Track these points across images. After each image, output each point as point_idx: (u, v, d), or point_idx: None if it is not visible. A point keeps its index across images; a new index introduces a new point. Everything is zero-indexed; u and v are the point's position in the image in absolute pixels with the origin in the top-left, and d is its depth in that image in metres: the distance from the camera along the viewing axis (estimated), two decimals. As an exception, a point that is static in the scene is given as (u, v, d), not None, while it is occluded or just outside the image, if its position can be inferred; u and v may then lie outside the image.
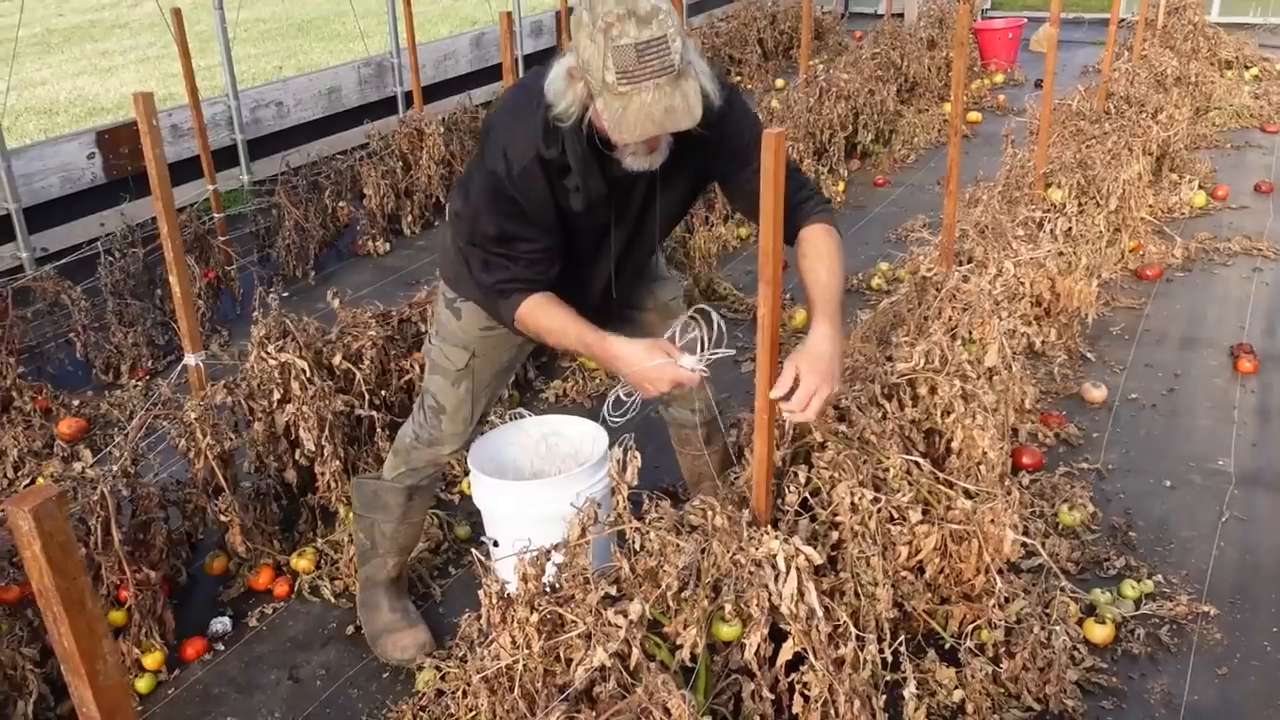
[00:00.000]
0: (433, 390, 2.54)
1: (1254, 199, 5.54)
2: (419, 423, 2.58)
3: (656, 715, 1.84)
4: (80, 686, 0.95)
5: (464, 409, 2.53)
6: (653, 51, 1.84)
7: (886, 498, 2.41)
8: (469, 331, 2.47)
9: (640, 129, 1.89)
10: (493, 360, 2.51)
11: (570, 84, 1.95)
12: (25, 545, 0.88)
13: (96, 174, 5.62)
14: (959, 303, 3.19)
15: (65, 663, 0.94)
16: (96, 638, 0.94)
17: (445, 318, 2.49)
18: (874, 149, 6.58)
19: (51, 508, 0.88)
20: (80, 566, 0.91)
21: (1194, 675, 2.47)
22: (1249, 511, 3.03)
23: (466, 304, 2.45)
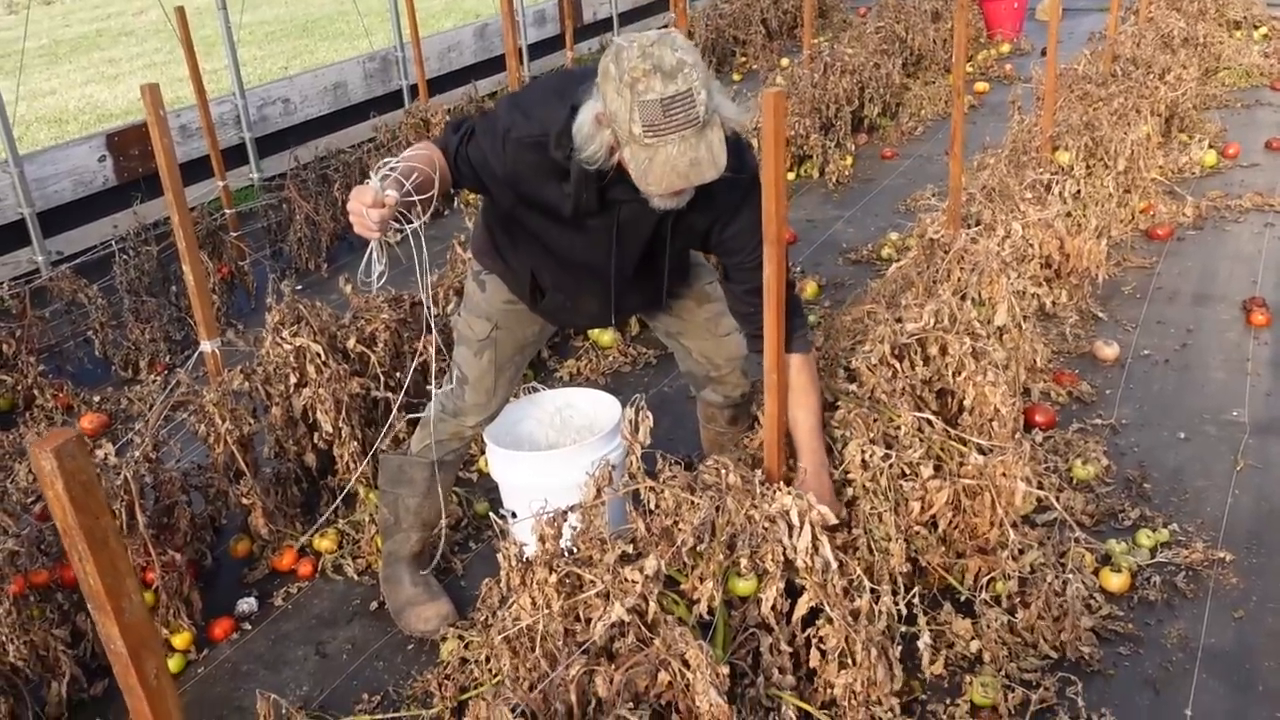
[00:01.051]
0: (458, 361, 2.59)
1: (1265, 156, 5.51)
2: (444, 394, 2.63)
3: (675, 666, 1.87)
4: (107, 623, 0.98)
5: (486, 379, 2.57)
6: (678, 106, 1.87)
7: (897, 454, 2.43)
8: (492, 304, 2.52)
9: (667, 182, 1.94)
10: (515, 334, 2.56)
11: (598, 130, 1.99)
12: (48, 485, 0.92)
13: (108, 176, 5.67)
14: (967, 264, 3.20)
15: (91, 600, 0.98)
16: (121, 575, 0.97)
17: (471, 289, 2.57)
18: (881, 122, 6.57)
19: (73, 447, 0.92)
20: (103, 505, 0.94)
21: (1210, 619, 2.48)
22: (1264, 459, 3.04)
23: (491, 277, 2.51)
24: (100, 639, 0.99)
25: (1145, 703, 2.28)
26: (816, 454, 2.34)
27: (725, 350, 2.60)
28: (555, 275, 2.41)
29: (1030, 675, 2.34)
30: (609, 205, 2.17)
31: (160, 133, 2.67)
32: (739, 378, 2.64)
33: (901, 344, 2.75)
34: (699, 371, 2.65)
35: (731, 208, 2.21)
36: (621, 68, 1.89)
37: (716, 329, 2.57)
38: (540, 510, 2.07)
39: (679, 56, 1.89)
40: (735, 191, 2.14)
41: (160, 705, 1.03)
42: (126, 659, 0.99)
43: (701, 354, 2.61)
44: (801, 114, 5.74)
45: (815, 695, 2.16)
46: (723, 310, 2.56)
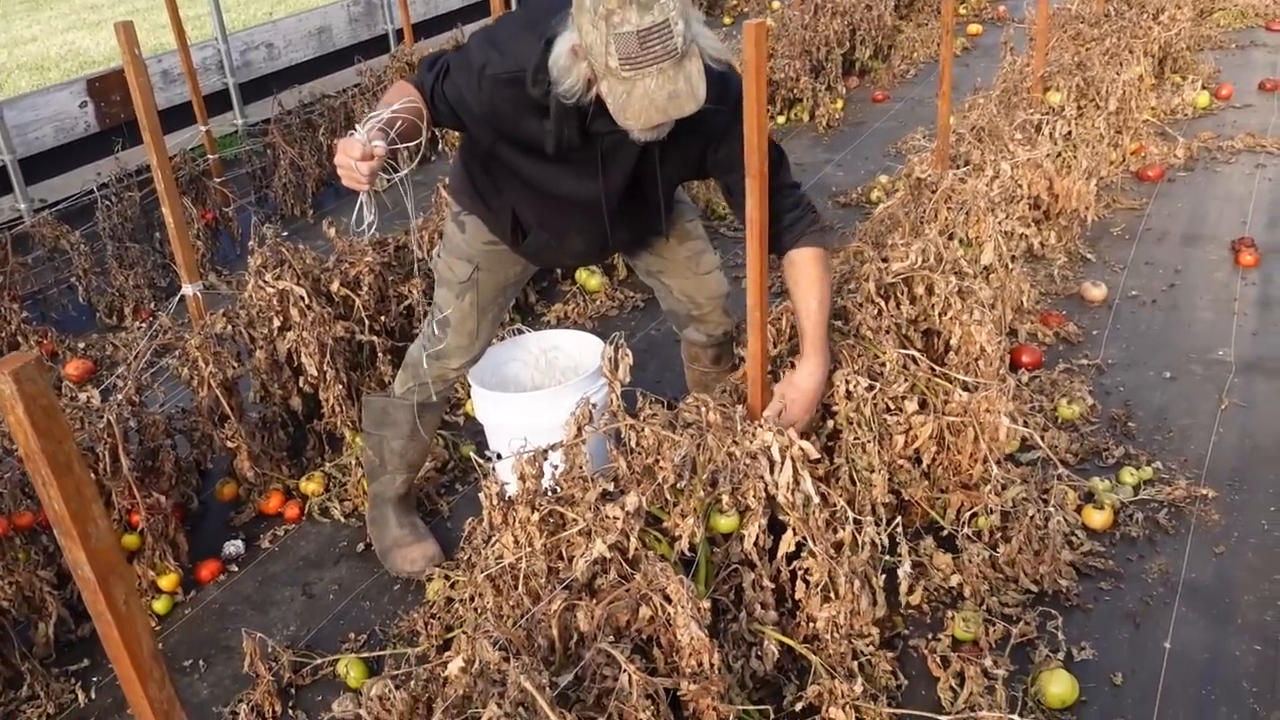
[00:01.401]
0: (439, 303, 2.57)
1: (1258, 97, 5.47)
2: (427, 336, 2.61)
3: (656, 601, 1.88)
4: (73, 549, 0.97)
5: (468, 322, 2.55)
6: (655, 37, 1.83)
7: (882, 387, 2.43)
8: (473, 245, 2.50)
9: (645, 116, 1.90)
10: (496, 275, 2.54)
11: (574, 62, 1.94)
12: (9, 409, 0.91)
13: (90, 123, 5.61)
14: (955, 204, 3.18)
15: (57, 526, 0.97)
16: (86, 500, 0.96)
17: (451, 230, 2.54)
18: (872, 65, 6.51)
19: (32, 370, 0.90)
20: (65, 430, 0.93)
21: (1191, 555, 2.50)
22: (1248, 398, 3.04)
23: (471, 217, 2.48)
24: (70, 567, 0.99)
25: (1124, 636, 2.30)
26: (819, 348, 2.28)
27: (706, 288, 2.58)
28: (539, 213, 2.38)
29: (1011, 610, 2.36)
30: (592, 139, 2.14)
31: (136, 72, 2.63)
32: (720, 316, 2.64)
33: (887, 283, 2.74)
34: (681, 310, 2.64)
35: (721, 129, 2.16)
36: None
37: (698, 267, 2.56)
38: (521, 449, 2.07)
39: None
40: (723, 114, 2.10)
41: (130, 630, 1.03)
42: (94, 584, 0.99)
43: (682, 292, 2.59)
44: (791, 56, 5.67)
45: (798, 630, 2.18)
46: (704, 248, 2.55)
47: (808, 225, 2.28)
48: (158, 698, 1.06)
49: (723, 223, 4.55)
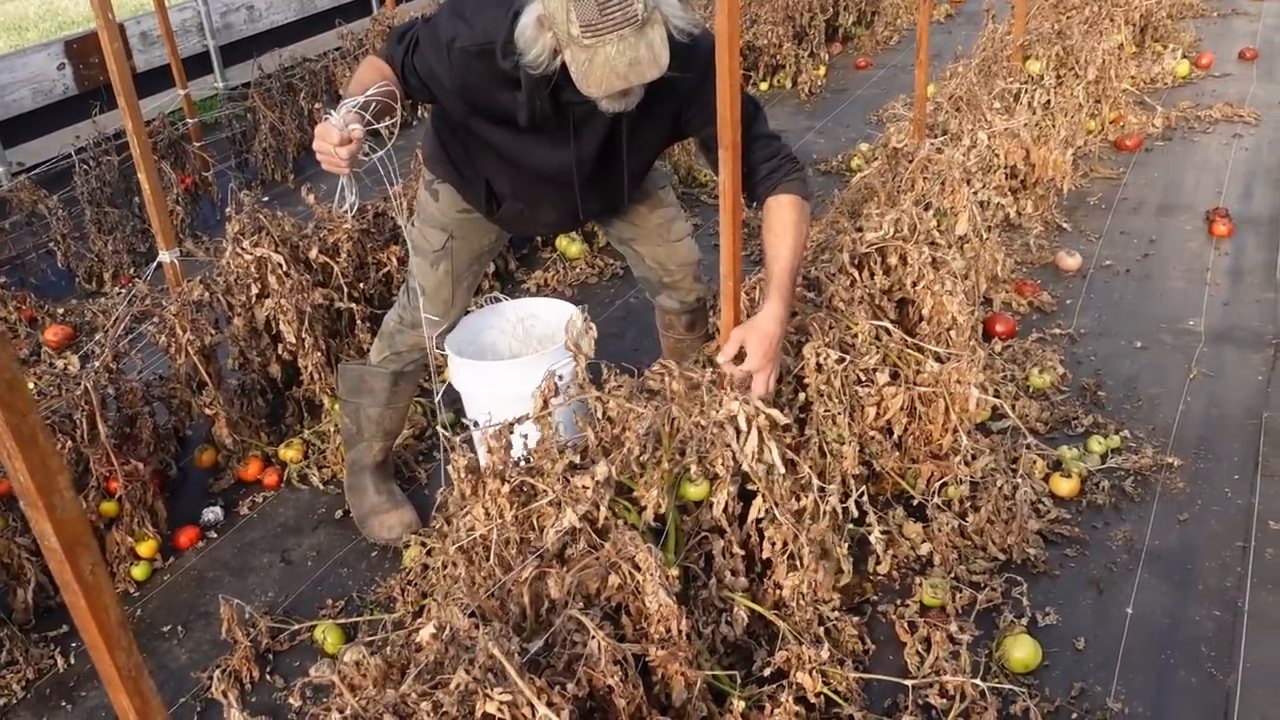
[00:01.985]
0: (414, 272, 2.57)
1: (1238, 66, 5.48)
2: (403, 305, 2.62)
3: (625, 569, 1.91)
4: (40, 520, 0.99)
5: (443, 290, 2.56)
6: (614, 4, 1.84)
7: (853, 359, 2.45)
8: (446, 213, 2.50)
9: (606, 84, 1.90)
10: (470, 243, 2.54)
11: (540, 33, 1.95)
12: (-30, 383, 0.92)
13: (68, 85, 5.56)
14: (931, 173, 3.20)
15: (23, 498, 0.99)
16: (51, 472, 0.98)
17: (424, 199, 2.54)
18: (856, 31, 6.49)
19: (-5, 344, 0.92)
20: (29, 403, 0.95)
21: (1156, 522, 2.54)
22: (1217, 367, 3.08)
23: (444, 186, 2.48)
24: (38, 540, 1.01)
25: (1088, 602, 2.35)
26: (784, 294, 2.24)
27: (678, 255, 2.60)
28: (513, 183, 2.39)
29: (979, 577, 2.40)
30: (564, 109, 2.14)
31: (110, 37, 2.62)
32: (692, 282, 2.65)
33: (861, 253, 2.76)
34: (653, 277, 2.66)
35: (691, 91, 2.17)
36: None
37: (669, 234, 2.57)
38: (488, 422, 2.09)
39: None
40: (691, 78, 2.10)
41: (97, 599, 1.05)
42: (61, 555, 1.01)
43: (654, 259, 2.61)
44: (774, 22, 5.65)
45: (766, 596, 2.21)
46: (675, 215, 2.56)
47: (785, 174, 2.28)
48: (125, 665, 1.09)
49: (704, 190, 4.55)
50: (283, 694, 2.31)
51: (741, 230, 2.25)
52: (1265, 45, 5.74)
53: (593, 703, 1.80)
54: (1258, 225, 3.88)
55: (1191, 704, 2.09)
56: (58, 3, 10.00)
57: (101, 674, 1.10)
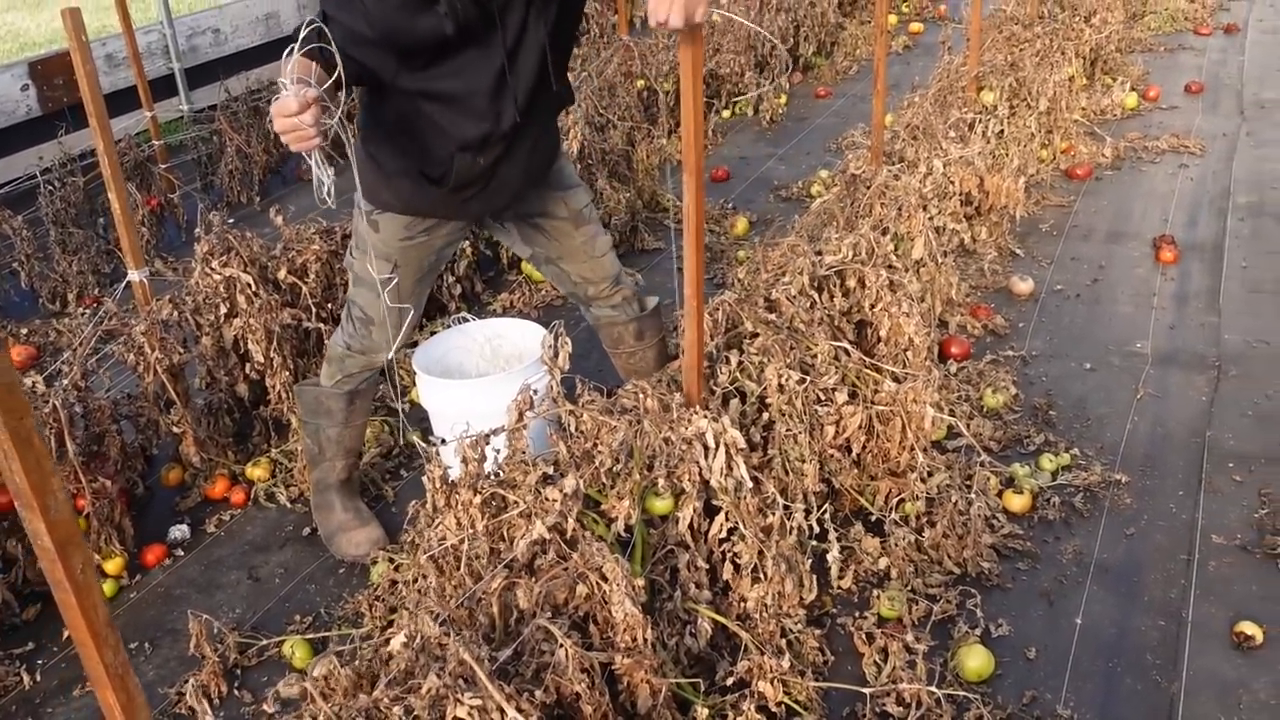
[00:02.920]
0: (360, 303, 2.56)
1: (1184, 99, 5.67)
2: (349, 334, 2.62)
3: (593, 579, 1.96)
4: (34, 519, 1.03)
5: (392, 315, 2.55)
6: None
7: (813, 379, 2.53)
8: (389, 244, 2.48)
9: None
10: (415, 267, 2.53)
11: None
12: (-29, 387, 0.96)
13: (32, 106, 5.55)
14: (888, 199, 3.30)
15: (18, 498, 1.03)
16: (45, 474, 1.02)
17: (364, 230, 2.48)
18: (816, 61, 6.63)
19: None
20: (25, 406, 0.99)
21: (1104, 536, 2.63)
22: (1162, 388, 3.19)
23: (384, 215, 2.45)
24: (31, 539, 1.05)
25: (1039, 613, 2.43)
26: None
27: (602, 269, 2.66)
28: (460, 126, 2.31)
29: (934, 590, 2.47)
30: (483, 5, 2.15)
31: (83, 58, 2.65)
32: (614, 289, 2.70)
33: (820, 276, 2.84)
34: (579, 292, 2.70)
35: None
36: None
37: (593, 249, 2.63)
38: (463, 434, 2.14)
39: None
40: None
41: (87, 598, 1.09)
42: (53, 553, 1.05)
43: (580, 275, 2.66)
44: (737, 51, 5.77)
45: (730, 609, 2.27)
46: (598, 231, 2.63)
47: None
48: (113, 663, 1.13)
49: (666, 214, 4.63)
50: (251, 709, 2.33)
51: (704, 253, 2.32)
52: (1211, 79, 5.94)
53: (560, 710, 1.85)
54: (1202, 252, 4.02)
55: (1138, 710, 2.17)
56: (18, 24, 9.95)
57: (89, 671, 1.14)
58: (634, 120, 4.98)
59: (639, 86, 5.32)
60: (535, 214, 2.59)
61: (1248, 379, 3.21)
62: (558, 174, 2.60)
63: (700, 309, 2.30)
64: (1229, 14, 7.19)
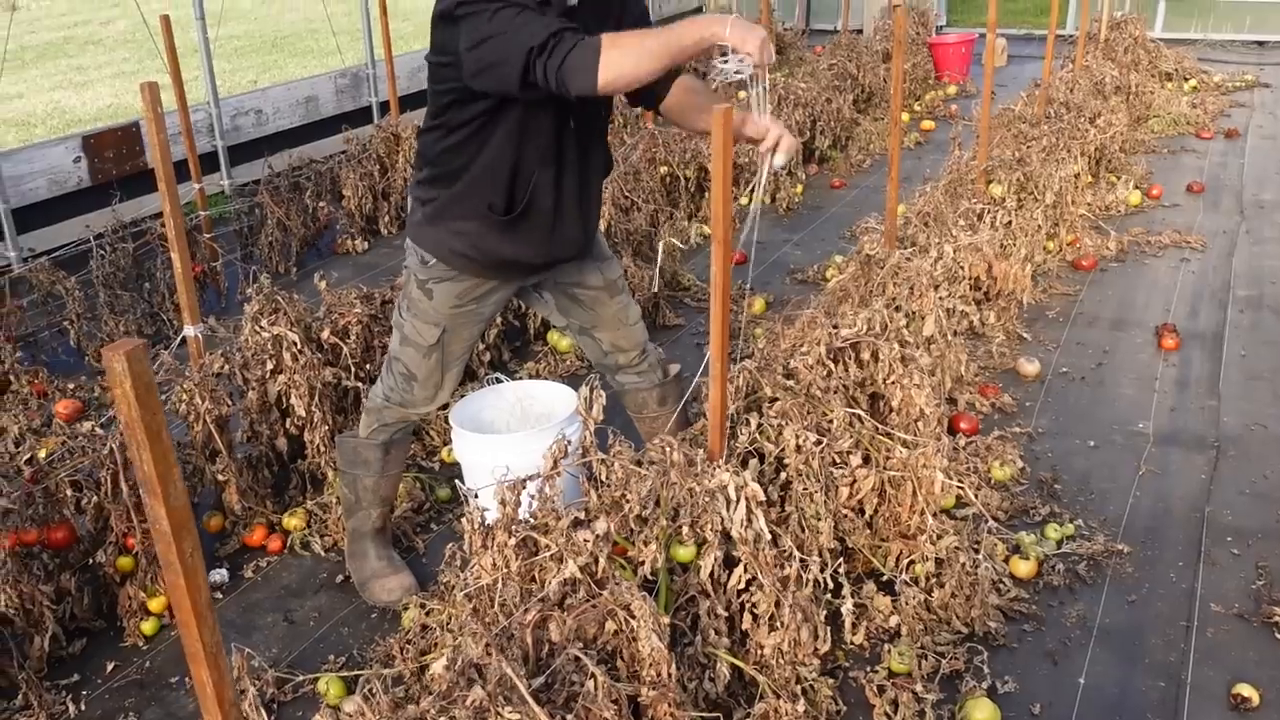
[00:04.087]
0: (404, 360, 2.71)
1: (1186, 198, 5.89)
2: (389, 386, 2.77)
3: (621, 616, 2.08)
4: (155, 505, 1.18)
5: (434, 376, 2.72)
6: None
7: (829, 442, 2.67)
8: (440, 310, 2.64)
9: None
10: (461, 335, 2.70)
11: None
12: (117, 383, 1.12)
13: (82, 177, 5.82)
14: (901, 279, 3.48)
15: (144, 485, 1.18)
16: (169, 465, 1.17)
17: (417, 296, 2.65)
18: (831, 154, 6.89)
19: (140, 353, 1.12)
20: (158, 404, 1.15)
21: (1107, 603, 2.74)
22: (1164, 466, 3.33)
23: (439, 284, 2.61)
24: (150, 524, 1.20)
25: (1044, 672, 2.53)
26: None
27: (632, 337, 2.83)
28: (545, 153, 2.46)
29: (943, 647, 2.58)
30: None
31: (157, 129, 2.87)
32: (642, 357, 2.87)
33: (837, 347, 3.00)
34: (610, 362, 2.86)
35: None
36: None
37: (626, 318, 2.81)
38: (502, 478, 2.28)
39: None
40: None
41: (193, 580, 1.23)
42: (169, 537, 1.19)
43: (612, 343, 2.83)
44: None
45: (748, 655, 2.38)
46: (629, 301, 2.81)
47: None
48: (209, 642, 1.27)
49: (687, 293, 4.82)
50: (287, 741, 2.43)
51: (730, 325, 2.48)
52: (1211, 180, 6.17)
53: (589, 737, 1.95)
54: (1203, 340, 4.18)
55: (1138, 763, 2.26)
56: (64, 101, 10.37)
57: (188, 649, 1.27)
58: (657, 203, 5.21)
59: (662, 172, 5.56)
60: (573, 284, 2.77)
61: (1245, 459, 3.35)
62: (596, 244, 2.79)
63: (724, 370, 2.45)
64: (1230, 119, 7.47)
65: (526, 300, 2.89)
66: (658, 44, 2.18)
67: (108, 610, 2.86)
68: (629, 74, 2.18)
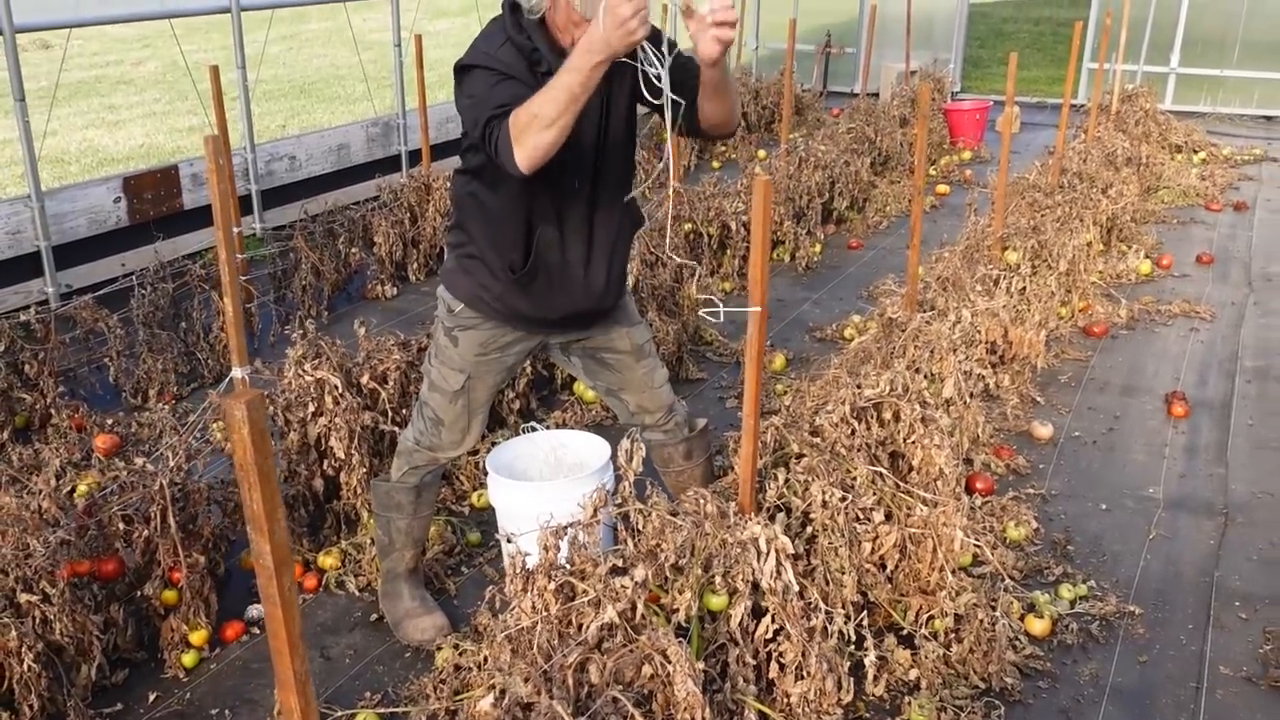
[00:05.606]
0: (432, 405, 2.84)
1: (1195, 269, 6.03)
2: (419, 430, 2.89)
3: (658, 660, 2.18)
4: (260, 541, 1.30)
5: (460, 421, 2.84)
6: None
7: (853, 498, 2.78)
8: (466, 357, 2.77)
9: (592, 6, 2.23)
10: (485, 382, 2.83)
11: None
12: (236, 429, 1.24)
13: (121, 217, 5.99)
14: (921, 342, 3.60)
15: (252, 523, 1.29)
16: (274, 505, 1.29)
17: (444, 343, 2.79)
18: (849, 215, 7.05)
19: (258, 403, 1.24)
20: (270, 448, 1.26)
21: (1119, 662, 2.83)
22: (1173, 530, 3.42)
23: (465, 333, 2.75)
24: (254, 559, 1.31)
25: (1058, 728, 2.62)
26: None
27: (659, 399, 2.93)
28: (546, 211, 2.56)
29: (961, 701, 2.67)
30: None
31: (219, 179, 3.01)
32: (668, 416, 2.96)
33: (860, 407, 3.12)
34: (636, 421, 2.96)
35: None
36: None
37: (652, 382, 2.90)
38: (545, 523, 2.39)
39: None
40: None
41: (289, 611, 1.34)
42: (272, 571, 1.31)
43: (638, 405, 2.93)
44: (776, 202, 6.18)
45: (774, 703, 2.47)
46: (656, 364, 2.92)
47: None
48: (299, 670, 1.37)
49: (709, 348, 4.95)
50: (325, 773, 2.51)
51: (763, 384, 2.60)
52: (1220, 252, 6.31)
53: (626, 775, 2.04)
54: (1211, 409, 4.29)
55: (1149, 819, 2.34)
56: (97, 140, 10.60)
57: (279, 675, 1.38)
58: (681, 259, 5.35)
59: (686, 229, 5.72)
60: (601, 348, 2.87)
61: (1253, 526, 3.44)
62: (624, 309, 2.88)
63: (756, 427, 2.57)
64: (1238, 192, 7.63)
65: (555, 360, 3.01)
66: (548, 99, 2.18)
67: (149, 642, 2.95)
68: (544, 144, 2.20)
